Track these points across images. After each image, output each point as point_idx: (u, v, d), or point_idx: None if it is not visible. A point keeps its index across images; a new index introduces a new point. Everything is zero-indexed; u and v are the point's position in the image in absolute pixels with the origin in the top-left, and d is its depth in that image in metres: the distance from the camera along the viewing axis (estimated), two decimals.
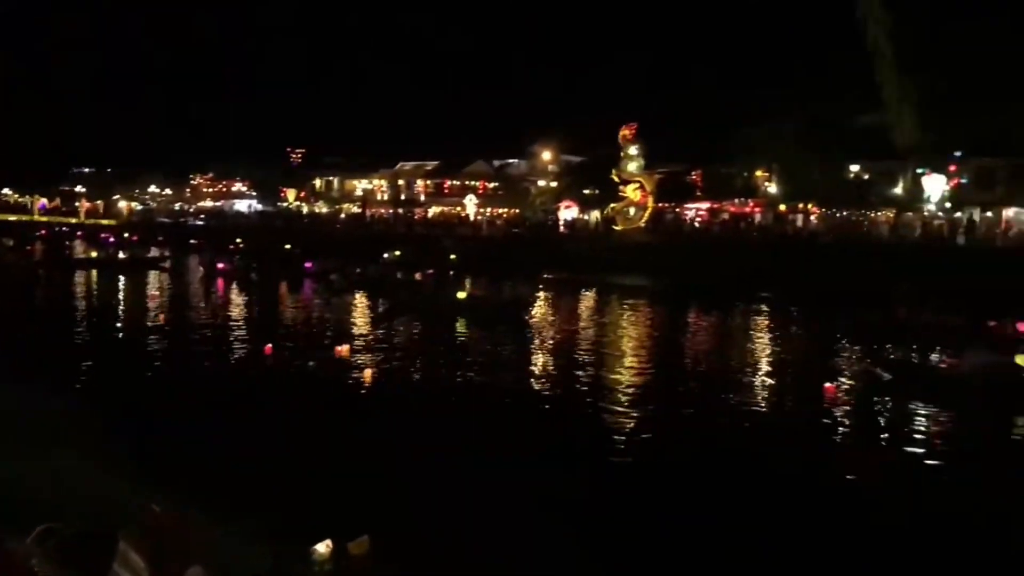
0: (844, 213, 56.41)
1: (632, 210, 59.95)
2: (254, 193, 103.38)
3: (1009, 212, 50.80)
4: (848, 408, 18.61)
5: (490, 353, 25.08)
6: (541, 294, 40.56)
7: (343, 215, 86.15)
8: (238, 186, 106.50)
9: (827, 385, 19.75)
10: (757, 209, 60.38)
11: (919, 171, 52.57)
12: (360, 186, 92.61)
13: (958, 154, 51.54)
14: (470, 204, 74.67)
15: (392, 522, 10.90)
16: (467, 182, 79.82)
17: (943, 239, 48.57)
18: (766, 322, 33.15)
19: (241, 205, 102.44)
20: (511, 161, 79.34)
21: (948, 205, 51.44)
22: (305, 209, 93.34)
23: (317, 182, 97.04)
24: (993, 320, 26.68)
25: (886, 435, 16.83)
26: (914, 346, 24.99)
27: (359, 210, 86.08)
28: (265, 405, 17.74)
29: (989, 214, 51.16)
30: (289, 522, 10.43)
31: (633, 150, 59.81)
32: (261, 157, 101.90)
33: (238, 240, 65.34)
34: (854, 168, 56.62)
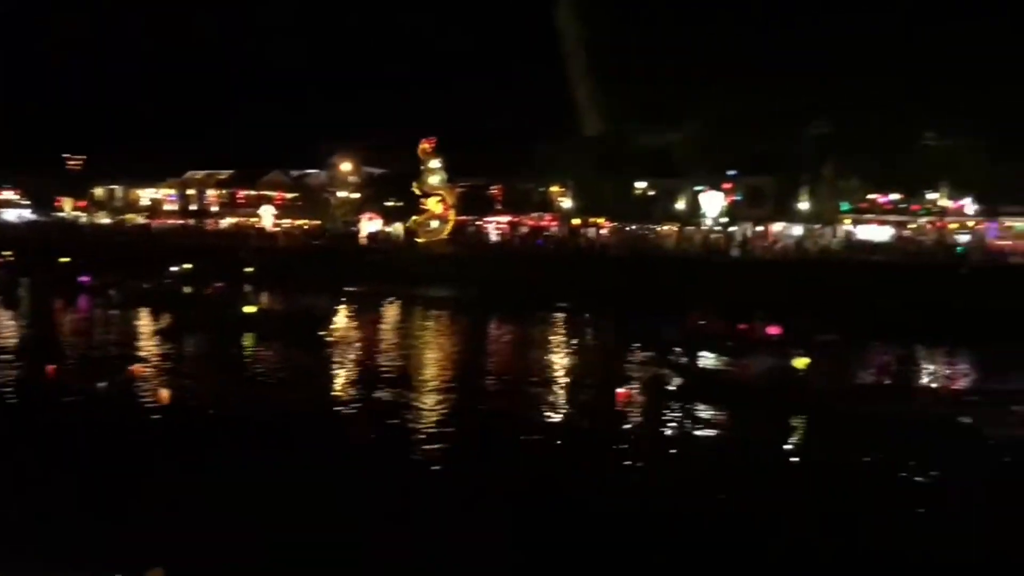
0: (632, 227, 59.56)
1: (434, 223, 60.37)
2: (27, 202, 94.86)
3: (776, 227, 55.57)
4: (640, 412, 19.57)
5: (279, 369, 24.34)
6: (342, 307, 39.94)
7: (127, 226, 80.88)
8: (8, 194, 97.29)
9: (620, 391, 20.71)
10: (553, 223, 62.53)
11: (698, 189, 56.51)
12: (146, 195, 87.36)
13: (732, 173, 55.92)
14: (266, 215, 72.36)
15: (188, 552, 10.42)
16: (263, 192, 77.30)
17: (720, 251, 52.49)
18: (563, 331, 34.36)
19: (10, 215, 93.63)
20: (310, 171, 77.63)
21: (724, 220, 55.57)
22: (84, 219, 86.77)
23: (98, 191, 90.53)
24: (744, 324, 28.91)
25: (676, 436, 17.80)
26: (700, 352, 26.71)
27: (145, 221, 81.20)
28: (53, 430, 16.41)
29: (760, 228, 55.69)
30: (80, 556, 9.74)
31: (434, 163, 60.34)
32: (35, 163, 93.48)
33: (6, 252, 59.68)
34: (641, 185, 60.03)
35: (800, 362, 20.21)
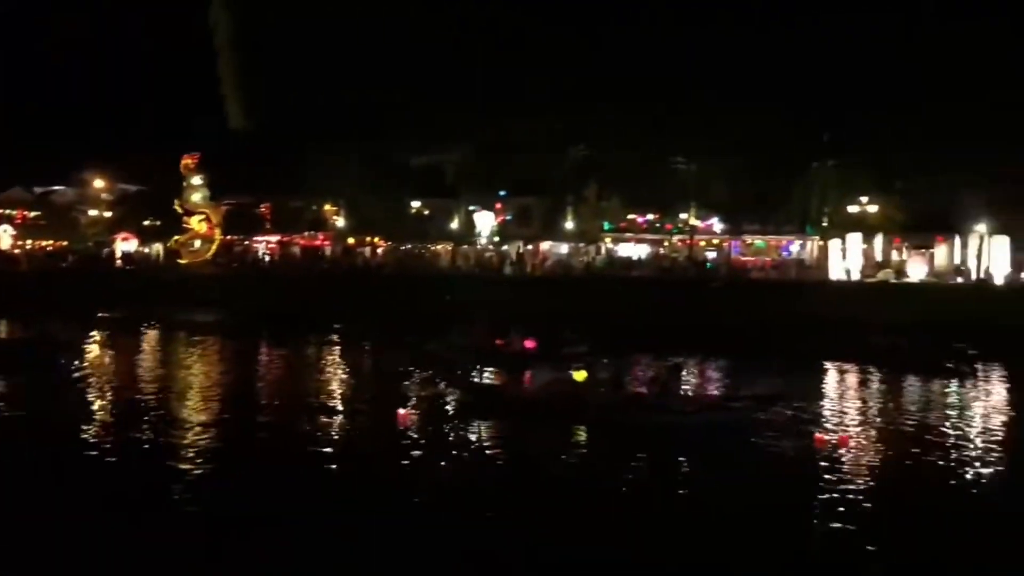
0: (407, 246, 59.72)
1: (198, 243, 57.56)
2: None
3: (545, 245, 57.78)
4: (424, 431, 19.36)
5: (8, 406, 21.87)
6: (95, 334, 36.85)
7: None
8: None
9: (400, 411, 20.45)
10: (326, 242, 61.42)
11: (471, 208, 57.74)
12: None
13: (503, 193, 57.67)
14: (5, 235, 65.67)
15: None
16: (1, 211, 70.08)
17: (494, 269, 53.85)
18: (339, 353, 33.60)
19: None
20: (56, 188, 71.28)
21: (497, 239, 57.07)
22: None
23: None
24: (500, 339, 29.67)
25: (464, 454, 17.72)
26: (479, 368, 27.02)
27: None
28: None
29: (530, 247, 57.65)
30: None
31: (197, 180, 57.67)
32: None
33: None
34: (415, 204, 60.40)
35: (579, 375, 20.77)
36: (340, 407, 22.57)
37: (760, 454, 17.62)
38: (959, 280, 44.27)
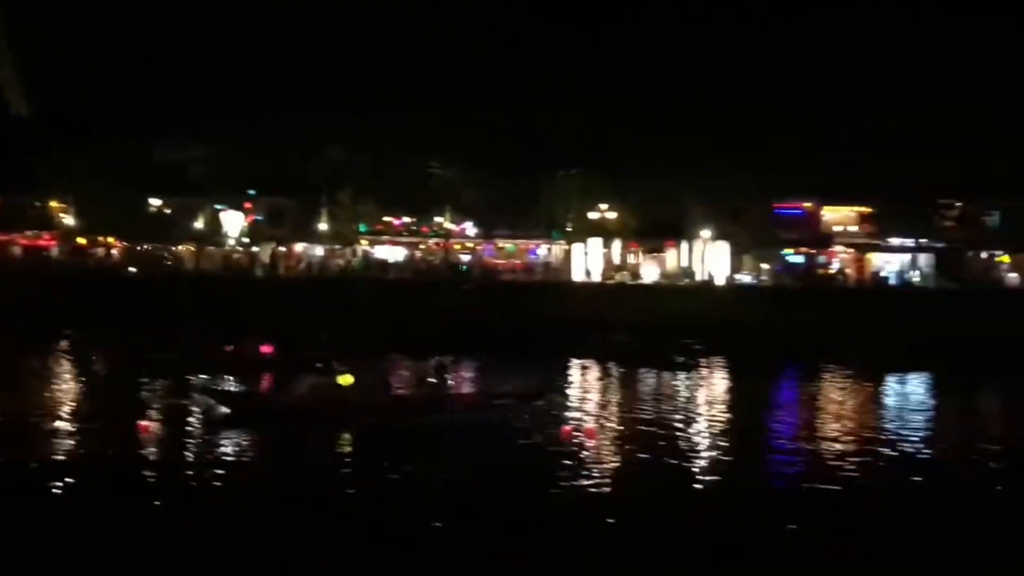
0: (148, 246, 55.98)
1: None
2: None
3: (299, 246, 56.38)
4: (170, 442, 18.26)
5: None
6: None
7: None
8: None
9: (142, 423, 19.19)
10: (53, 242, 56.22)
11: (217, 208, 55.10)
12: None
13: (253, 192, 55.61)
14: None
15: None
16: None
17: (244, 271, 51.85)
18: (67, 362, 30.88)
19: None
20: None
21: (246, 240, 54.90)
22: None
23: None
24: (232, 344, 28.81)
25: (217, 464, 16.82)
26: (221, 375, 25.86)
27: None
28: None
29: (283, 248, 55.99)
30: None
31: None
32: None
33: None
34: (156, 202, 56.78)
35: (344, 379, 20.39)
36: (70, 421, 20.69)
37: (520, 450, 18.26)
38: (686, 281, 48.25)
